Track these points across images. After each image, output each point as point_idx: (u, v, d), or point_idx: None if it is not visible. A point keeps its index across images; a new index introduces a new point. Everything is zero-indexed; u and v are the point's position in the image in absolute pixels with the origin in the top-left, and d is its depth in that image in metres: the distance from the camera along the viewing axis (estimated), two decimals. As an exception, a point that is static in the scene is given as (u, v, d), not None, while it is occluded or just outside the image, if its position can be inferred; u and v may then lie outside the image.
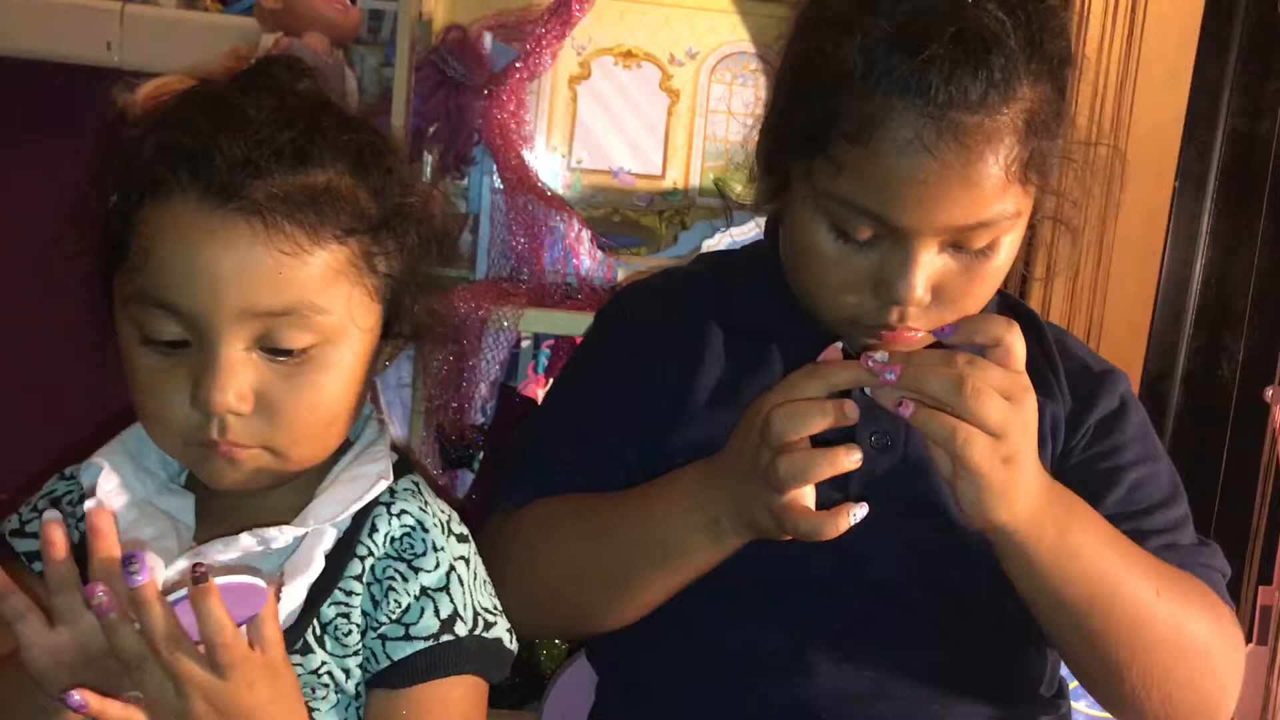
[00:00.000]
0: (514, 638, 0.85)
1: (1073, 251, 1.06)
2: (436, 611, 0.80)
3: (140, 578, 0.66)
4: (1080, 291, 1.70)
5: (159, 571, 0.75)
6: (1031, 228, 0.94)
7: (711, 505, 0.84)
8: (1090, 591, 0.84)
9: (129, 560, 0.66)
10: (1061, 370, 0.99)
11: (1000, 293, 1.04)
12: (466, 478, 1.50)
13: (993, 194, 0.83)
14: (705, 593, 0.89)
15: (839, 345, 0.85)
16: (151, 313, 0.76)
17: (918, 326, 0.87)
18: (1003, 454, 0.77)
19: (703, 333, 0.98)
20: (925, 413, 0.77)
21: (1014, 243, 0.88)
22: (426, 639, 0.80)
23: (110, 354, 0.82)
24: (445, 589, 0.81)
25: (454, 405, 1.40)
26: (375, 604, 0.80)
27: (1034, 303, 1.67)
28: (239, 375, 0.76)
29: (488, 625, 0.83)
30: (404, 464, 0.88)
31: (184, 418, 0.77)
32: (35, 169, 1.54)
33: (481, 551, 0.88)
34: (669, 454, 0.94)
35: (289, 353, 0.77)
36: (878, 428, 0.92)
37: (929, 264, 0.85)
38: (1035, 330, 1.01)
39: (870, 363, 0.78)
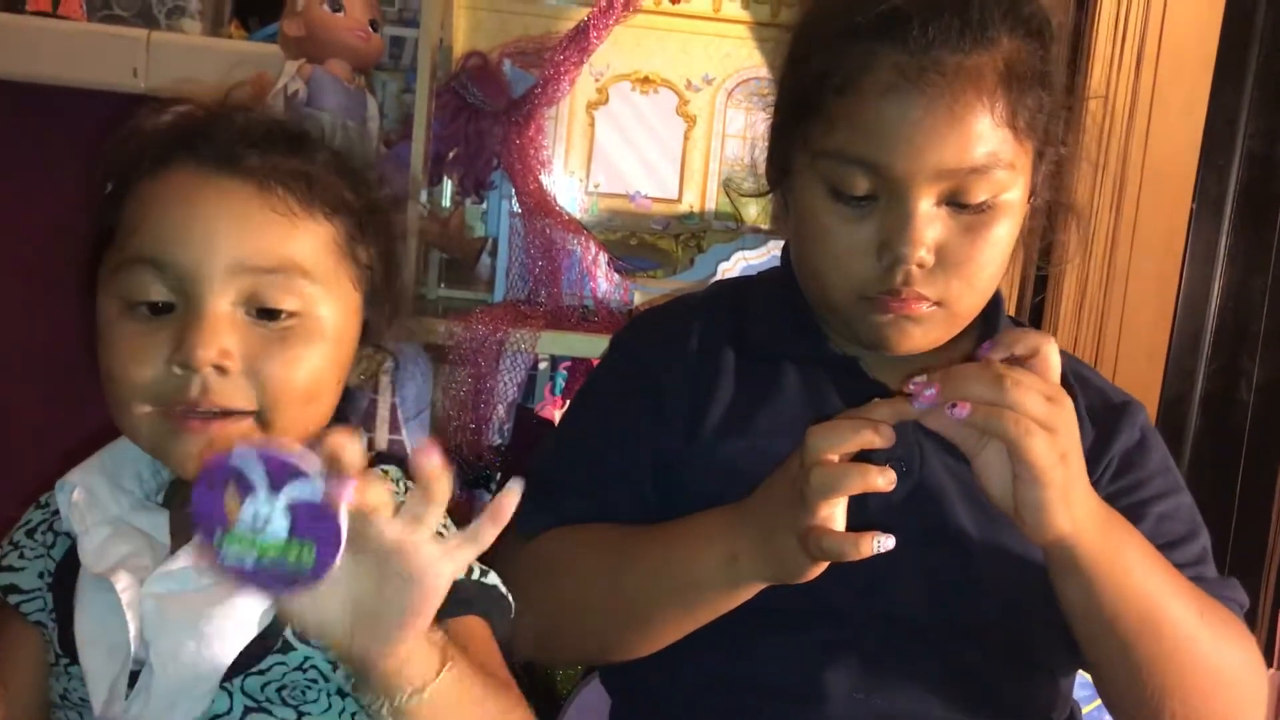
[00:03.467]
0: (508, 592, 0.84)
1: (1080, 240, 1.04)
2: None
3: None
4: (1097, 315, 1.70)
5: (133, 590, 0.76)
6: (1047, 218, 0.96)
7: (731, 541, 0.84)
8: (1143, 611, 0.83)
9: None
10: (1080, 402, 0.99)
11: (1013, 319, 1.04)
12: (484, 498, 1.51)
13: (980, 135, 0.84)
14: (721, 619, 0.89)
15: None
16: (140, 273, 0.76)
17: (924, 291, 0.88)
18: (1058, 450, 0.76)
19: (716, 357, 0.98)
20: (982, 409, 0.76)
21: (1015, 209, 0.89)
22: None
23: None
24: None
25: (471, 426, 1.40)
26: None
27: (1049, 326, 1.67)
28: (224, 331, 0.75)
29: (484, 572, 0.82)
30: (380, 458, 0.87)
31: (160, 381, 0.76)
32: (62, 193, 1.56)
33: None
34: (682, 479, 0.94)
35: (275, 315, 0.77)
36: (892, 453, 0.92)
37: (927, 217, 0.86)
38: None
39: (911, 386, 0.78)
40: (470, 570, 0.81)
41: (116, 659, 0.76)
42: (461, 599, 0.78)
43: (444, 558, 0.64)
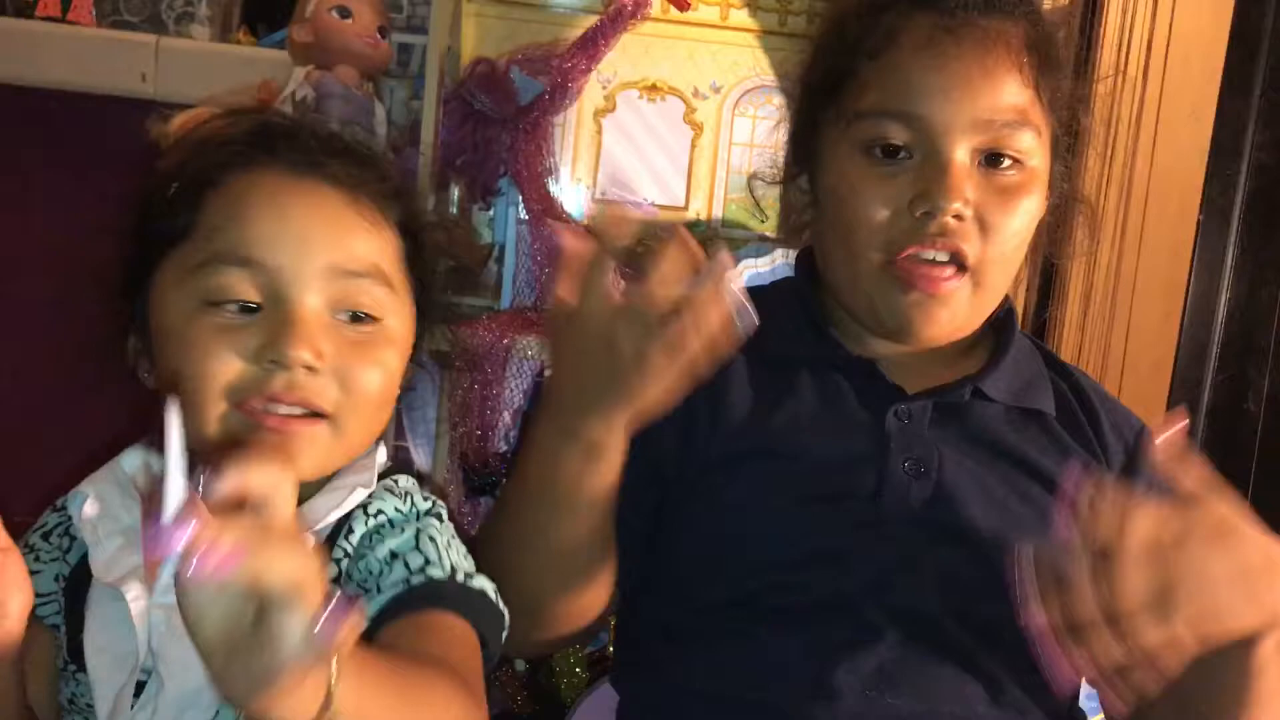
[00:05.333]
0: (501, 601, 0.81)
1: (1088, 235, 1.07)
2: (406, 565, 0.77)
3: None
4: (1104, 325, 1.69)
5: (143, 600, 0.75)
6: (1055, 216, 0.99)
7: (560, 418, 0.81)
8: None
9: None
10: (1106, 421, 1.00)
11: (1031, 338, 1.04)
12: (489, 505, 1.51)
13: (1011, 88, 0.89)
14: (736, 616, 0.89)
15: None
16: (228, 273, 0.76)
17: (962, 244, 0.89)
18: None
19: (724, 364, 0.98)
20: None
21: (1040, 183, 0.92)
22: (397, 584, 0.76)
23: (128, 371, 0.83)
24: (416, 548, 0.78)
25: (477, 433, 1.41)
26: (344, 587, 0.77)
27: (1055, 336, 1.67)
28: (318, 331, 0.76)
29: (469, 576, 0.79)
30: (391, 468, 0.86)
31: (244, 375, 0.75)
32: (71, 198, 1.57)
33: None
34: (699, 485, 0.94)
35: (359, 319, 0.79)
36: (911, 454, 0.92)
37: (963, 168, 0.89)
38: (1071, 383, 1.02)
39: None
40: (453, 574, 0.78)
41: (124, 669, 0.76)
42: (430, 596, 0.77)
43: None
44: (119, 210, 0.84)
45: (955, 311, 0.92)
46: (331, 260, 0.77)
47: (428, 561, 0.78)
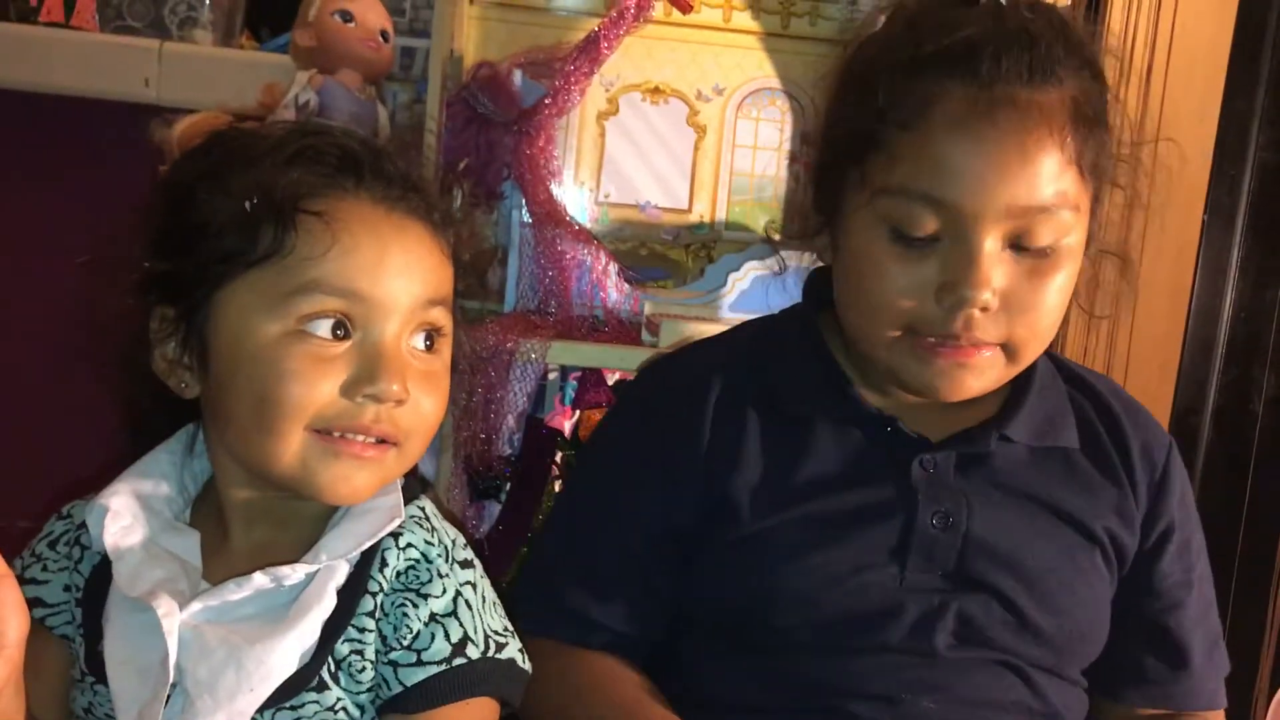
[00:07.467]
0: (526, 658, 0.84)
1: (1128, 290, 1.01)
2: (447, 636, 0.79)
3: None
4: (1109, 325, 1.69)
5: (174, 617, 0.75)
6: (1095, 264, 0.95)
7: None
8: None
9: None
10: (1134, 440, 0.98)
11: (1050, 354, 1.01)
12: (494, 509, 1.51)
13: (1051, 172, 0.83)
14: (766, 647, 0.91)
15: None
16: (325, 302, 0.76)
17: (985, 337, 0.86)
18: None
19: (738, 421, 0.95)
20: None
21: (1076, 254, 0.88)
22: (439, 663, 0.79)
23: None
24: (454, 614, 0.80)
25: (482, 436, 1.40)
26: (384, 638, 0.79)
27: (1062, 336, 1.67)
28: (405, 365, 0.79)
29: (499, 647, 0.82)
30: (410, 487, 0.86)
31: (331, 406, 0.76)
32: (75, 203, 1.57)
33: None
34: (716, 549, 0.93)
35: (431, 346, 0.81)
36: (939, 507, 0.91)
37: (992, 258, 0.84)
38: (1098, 404, 1.00)
39: None
40: (487, 647, 0.81)
41: (146, 682, 0.75)
42: (467, 683, 0.79)
43: None
44: (119, 216, 0.83)
45: (985, 378, 0.89)
46: (420, 294, 0.79)
47: (466, 637, 0.80)
